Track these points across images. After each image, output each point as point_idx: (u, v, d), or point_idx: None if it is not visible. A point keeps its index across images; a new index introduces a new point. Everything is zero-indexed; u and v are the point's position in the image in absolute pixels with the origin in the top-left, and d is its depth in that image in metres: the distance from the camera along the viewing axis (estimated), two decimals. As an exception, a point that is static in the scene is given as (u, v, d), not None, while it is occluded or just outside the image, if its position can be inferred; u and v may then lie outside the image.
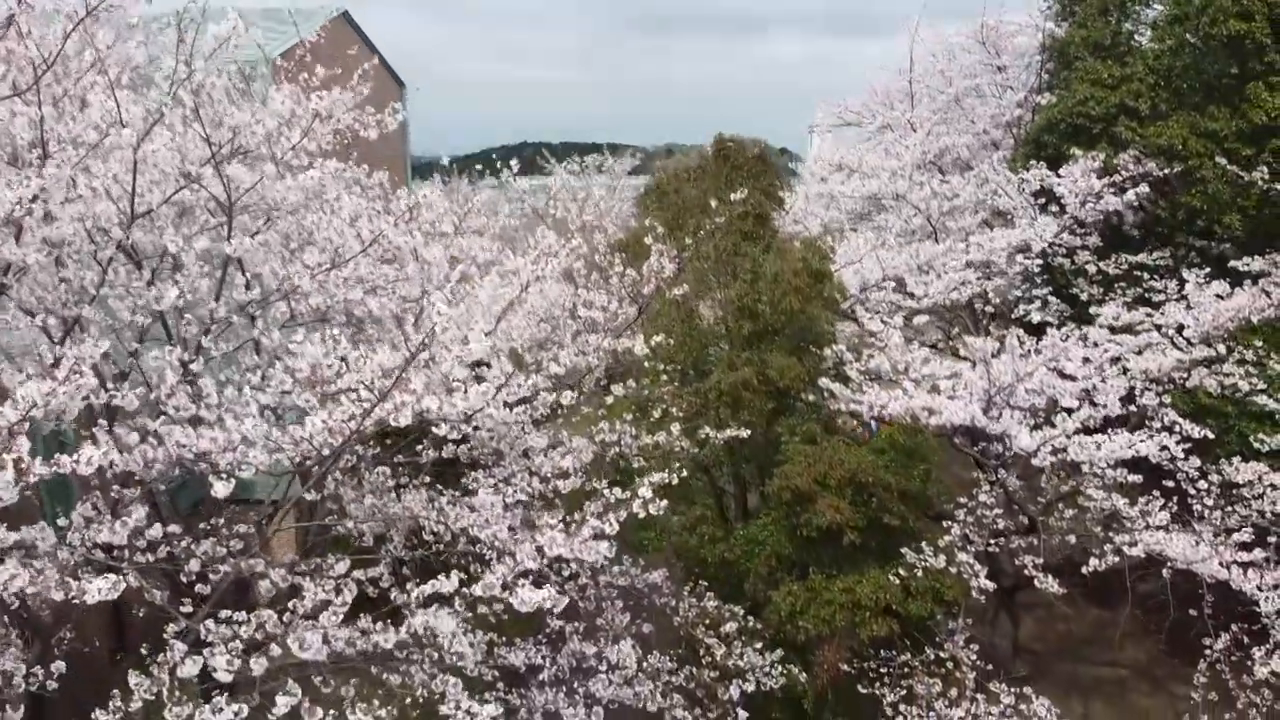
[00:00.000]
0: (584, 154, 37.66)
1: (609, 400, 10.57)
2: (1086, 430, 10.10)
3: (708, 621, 10.70)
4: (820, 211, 17.38)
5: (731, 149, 12.72)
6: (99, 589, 4.37)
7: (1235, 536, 9.68)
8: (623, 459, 11.03)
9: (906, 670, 11.18)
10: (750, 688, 9.96)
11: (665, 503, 12.75)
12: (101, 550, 5.92)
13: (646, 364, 11.13)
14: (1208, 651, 12.40)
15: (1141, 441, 9.61)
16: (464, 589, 6.07)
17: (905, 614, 11.69)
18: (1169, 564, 9.88)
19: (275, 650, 5.43)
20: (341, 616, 5.85)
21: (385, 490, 7.33)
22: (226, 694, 4.94)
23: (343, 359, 5.72)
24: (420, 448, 7.82)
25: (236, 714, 4.78)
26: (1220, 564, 9.33)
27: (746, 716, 9.59)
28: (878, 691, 10.91)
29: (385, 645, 6.06)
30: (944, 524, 11.22)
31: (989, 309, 12.69)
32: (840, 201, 16.71)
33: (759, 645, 10.72)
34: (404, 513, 7.17)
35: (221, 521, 6.67)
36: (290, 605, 5.78)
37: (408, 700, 6.78)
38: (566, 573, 10.36)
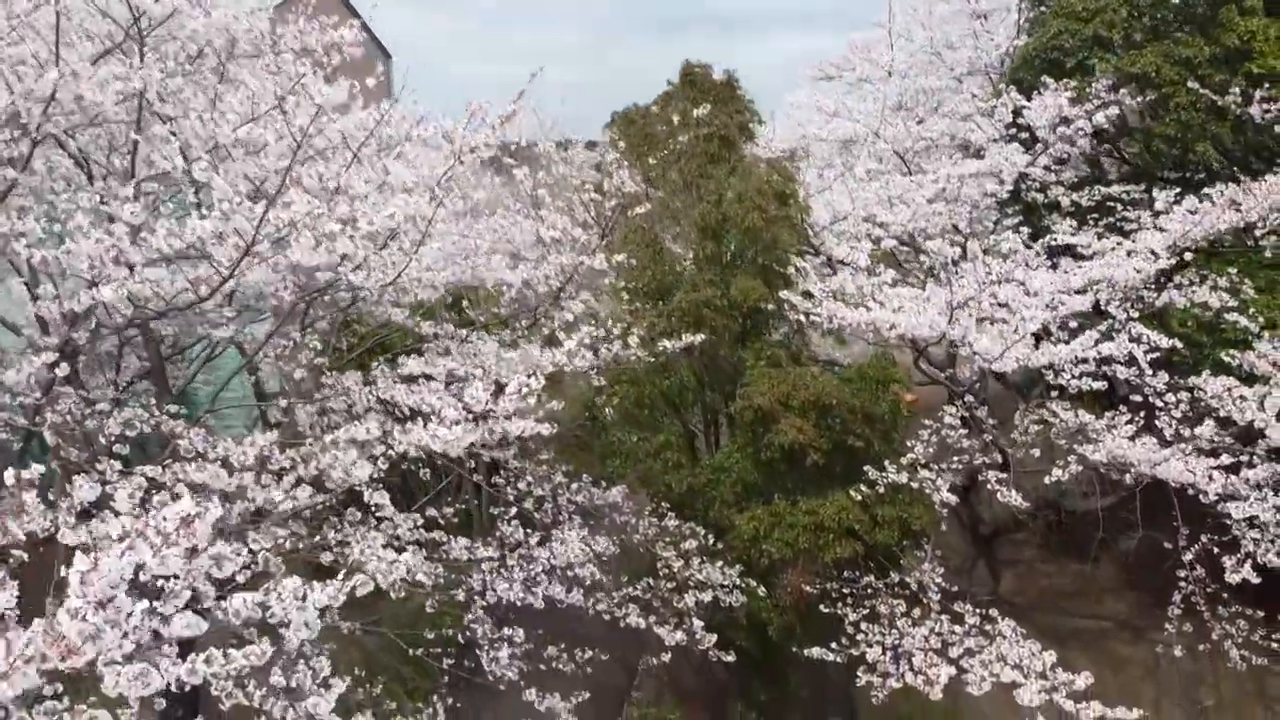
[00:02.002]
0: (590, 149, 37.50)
1: (568, 316, 10.43)
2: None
3: (667, 539, 10.55)
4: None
5: (699, 75, 12.59)
6: None
7: (1200, 432, 9.50)
8: (582, 377, 10.90)
9: (870, 592, 11.02)
10: (707, 598, 9.78)
11: (636, 438, 12.78)
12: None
13: (607, 282, 11.00)
14: (1182, 583, 12.25)
15: (1105, 342, 9.43)
16: (388, 447, 5.93)
17: (873, 542, 11.55)
18: (1131, 470, 9.70)
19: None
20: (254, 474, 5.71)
21: (315, 368, 7.18)
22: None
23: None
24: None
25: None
26: (1186, 469, 9.14)
27: (702, 625, 9.39)
28: (840, 611, 10.74)
29: (306, 502, 5.90)
30: (909, 445, 11.04)
31: (960, 239, 12.52)
32: (816, 149, 16.56)
33: (719, 564, 10.56)
34: (337, 385, 7.03)
35: (146, 385, 6.53)
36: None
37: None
38: (523, 485, 10.26)
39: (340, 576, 4.83)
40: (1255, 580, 9.63)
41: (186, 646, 4.74)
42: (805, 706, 13.98)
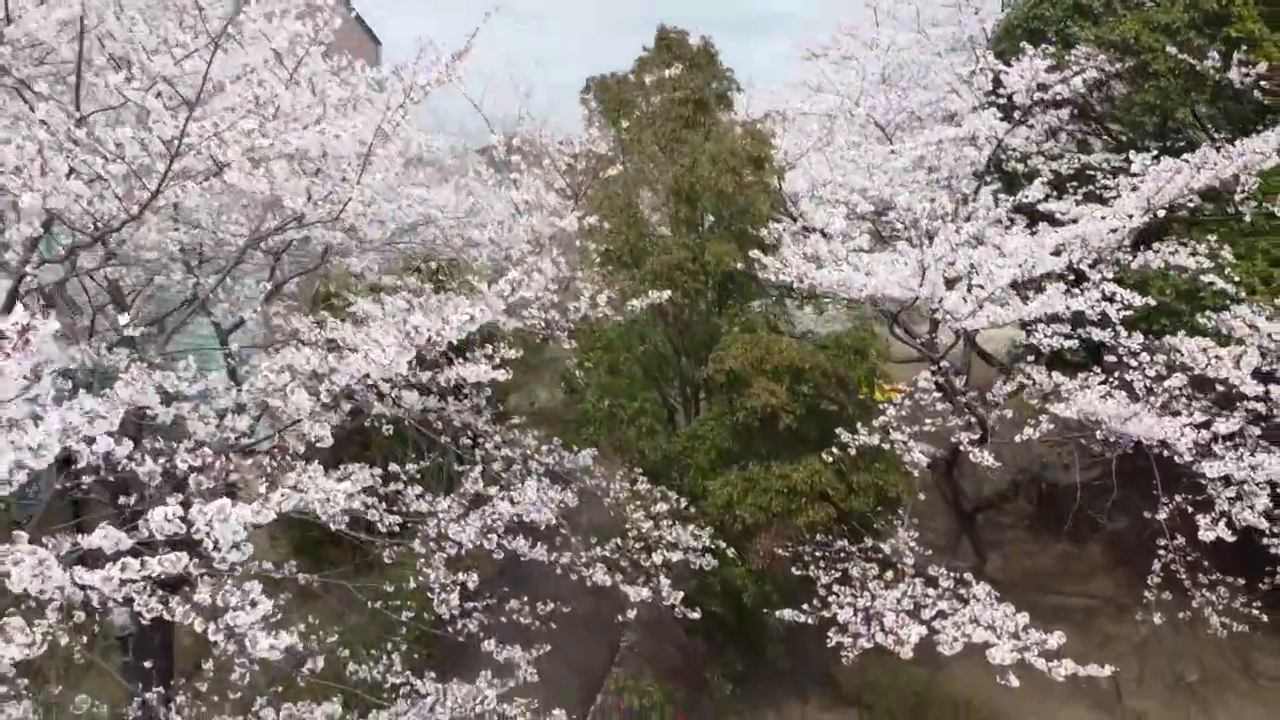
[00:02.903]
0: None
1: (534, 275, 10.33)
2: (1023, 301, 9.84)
3: (639, 502, 10.45)
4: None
5: (674, 39, 12.52)
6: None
7: (1169, 384, 9.40)
8: (552, 338, 10.83)
9: (843, 556, 10.92)
10: (675, 557, 9.69)
11: (610, 405, 12.69)
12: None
13: (578, 243, 10.93)
14: (1162, 551, 12.14)
15: (1076, 297, 9.33)
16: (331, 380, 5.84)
17: (848, 509, 11.46)
18: (1102, 428, 9.59)
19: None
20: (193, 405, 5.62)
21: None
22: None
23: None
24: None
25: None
26: (1157, 425, 9.04)
27: (669, 583, 9.30)
28: (812, 574, 10.65)
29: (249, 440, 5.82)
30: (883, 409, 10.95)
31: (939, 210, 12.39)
32: (800, 123, 16.47)
33: (690, 527, 10.47)
34: (286, 325, 6.96)
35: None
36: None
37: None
38: (490, 446, 10.18)
39: (264, 490, 4.75)
40: (1230, 539, 9.52)
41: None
42: (784, 677, 13.91)
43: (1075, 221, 11.26)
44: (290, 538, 13.30)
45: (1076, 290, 10.60)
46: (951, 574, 10.46)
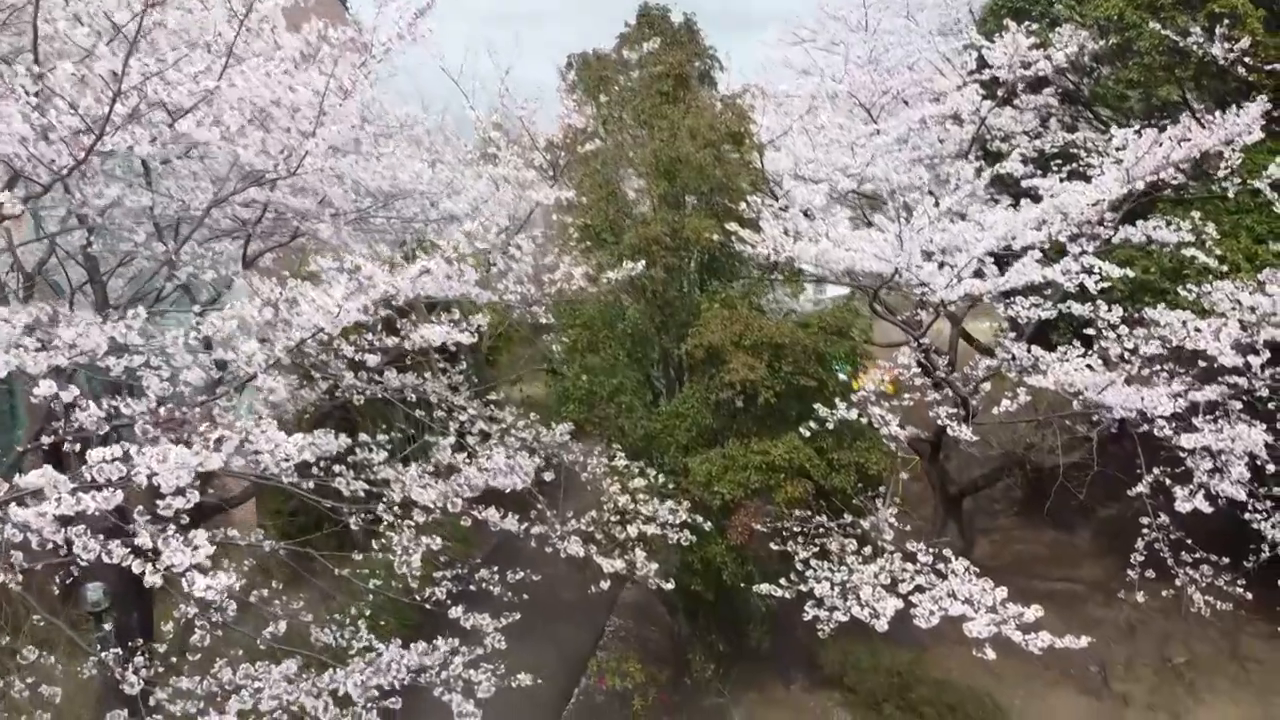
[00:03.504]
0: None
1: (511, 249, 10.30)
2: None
3: (616, 477, 10.40)
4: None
5: (656, 16, 12.45)
6: None
7: (1145, 350, 9.33)
8: (529, 315, 10.78)
9: (822, 531, 10.85)
10: (651, 530, 9.63)
11: (590, 382, 12.63)
12: None
13: (554, 217, 10.87)
14: (1145, 531, 12.07)
15: (1050, 267, 9.27)
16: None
17: (829, 486, 11.38)
18: (1079, 398, 9.52)
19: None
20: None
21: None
22: None
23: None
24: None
25: None
26: (1134, 393, 8.97)
27: (645, 554, 9.24)
28: (790, 549, 10.58)
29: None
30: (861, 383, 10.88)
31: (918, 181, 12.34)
32: (786, 105, 16.42)
33: (669, 503, 10.41)
34: (249, 284, 6.92)
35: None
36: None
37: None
38: (464, 418, 10.13)
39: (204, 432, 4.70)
40: (1207, 510, 9.45)
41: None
42: (767, 661, 13.83)
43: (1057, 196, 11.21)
44: (277, 526, 13.35)
45: (1056, 264, 10.56)
46: (930, 549, 10.39)
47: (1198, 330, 9.71)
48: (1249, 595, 12.04)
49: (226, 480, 12.16)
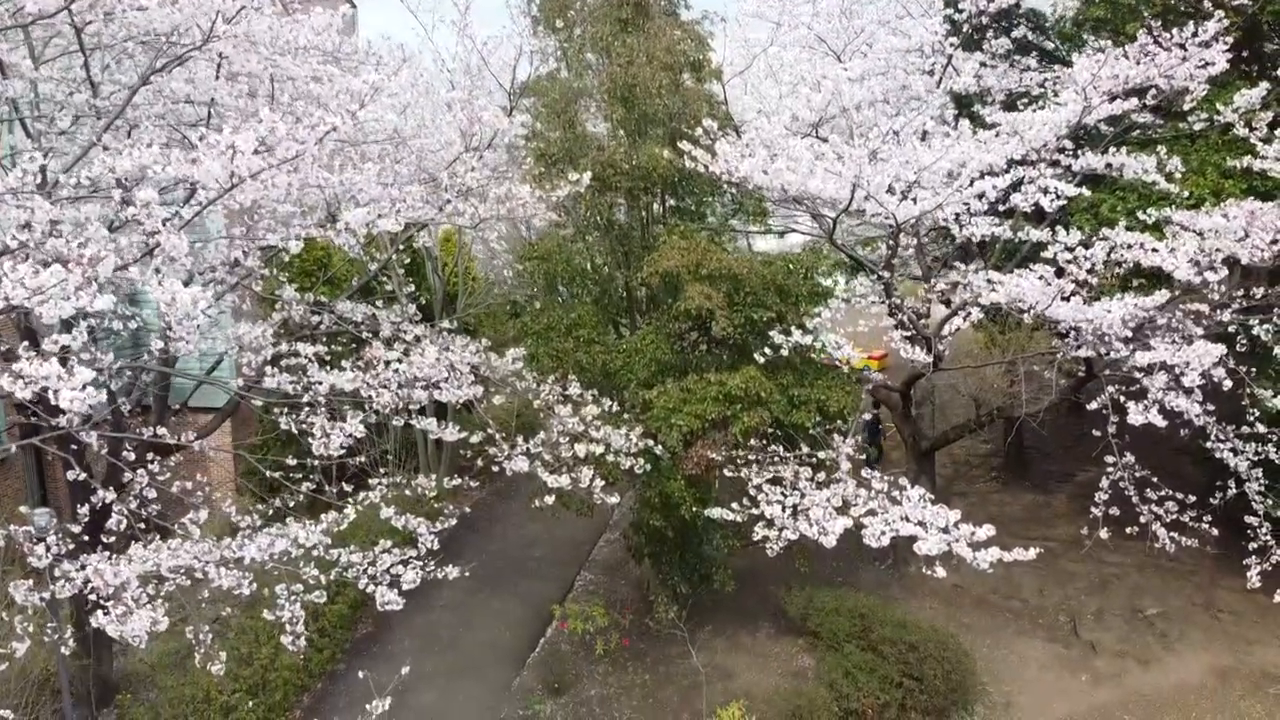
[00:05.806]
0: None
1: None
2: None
3: (569, 403, 10.26)
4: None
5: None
6: None
7: (1092, 254, 9.19)
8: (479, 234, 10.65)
9: (777, 460, 10.71)
10: (598, 450, 9.50)
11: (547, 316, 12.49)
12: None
13: (506, 140, 10.75)
14: (1110, 469, 11.90)
15: (1013, 191, 9.13)
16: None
17: (789, 423, 11.22)
18: (1030, 312, 9.36)
19: None
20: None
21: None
22: None
23: None
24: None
25: None
26: (1089, 309, 8.83)
27: (593, 474, 9.11)
28: (743, 474, 10.43)
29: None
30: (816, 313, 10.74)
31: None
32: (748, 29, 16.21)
33: (623, 429, 10.27)
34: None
35: None
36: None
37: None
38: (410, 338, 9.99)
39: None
40: (1160, 424, 9.31)
41: None
42: (734, 611, 13.69)
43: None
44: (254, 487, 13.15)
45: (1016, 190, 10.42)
46: (885, 478, 10.24)
47: (1155, 250, 9.56)
48: (1214, 531, 11.87)
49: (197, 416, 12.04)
